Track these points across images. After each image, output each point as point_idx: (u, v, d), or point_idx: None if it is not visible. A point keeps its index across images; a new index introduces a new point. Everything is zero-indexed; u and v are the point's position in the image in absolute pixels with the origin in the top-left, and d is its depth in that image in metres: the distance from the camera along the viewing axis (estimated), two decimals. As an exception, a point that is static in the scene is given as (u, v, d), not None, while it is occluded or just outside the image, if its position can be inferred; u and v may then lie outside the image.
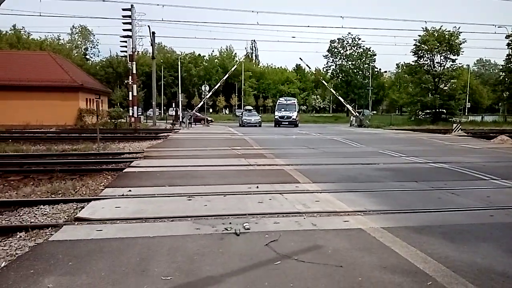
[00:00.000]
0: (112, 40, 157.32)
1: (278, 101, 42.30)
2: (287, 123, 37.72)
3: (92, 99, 35.47)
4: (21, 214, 6.46)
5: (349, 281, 3.71)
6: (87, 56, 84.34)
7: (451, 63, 43.98)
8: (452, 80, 44.23)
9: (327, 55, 75.44)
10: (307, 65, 49.30)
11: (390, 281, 3.71)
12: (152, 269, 3.94)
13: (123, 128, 30.52)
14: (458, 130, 27.46)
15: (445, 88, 44.25)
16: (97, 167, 11.14)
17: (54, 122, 29.80)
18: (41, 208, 6.70)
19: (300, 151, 14.99)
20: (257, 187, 7.87)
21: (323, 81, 56.05)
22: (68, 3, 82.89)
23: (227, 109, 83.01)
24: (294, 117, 38.38)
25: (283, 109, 38.98)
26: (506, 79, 46.78)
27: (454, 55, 43.27)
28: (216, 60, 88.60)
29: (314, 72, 55.97)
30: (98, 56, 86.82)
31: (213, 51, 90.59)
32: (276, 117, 38.88)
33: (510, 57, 45.59)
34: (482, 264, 4.16)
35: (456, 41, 42.27)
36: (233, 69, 49.34)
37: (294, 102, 41.00)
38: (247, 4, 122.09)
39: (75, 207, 6.70)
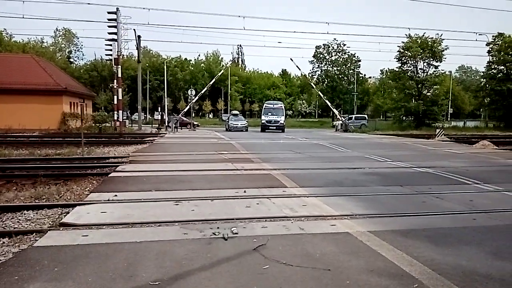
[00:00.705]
0: (96, 43, 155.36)
1: (265, 104, 40.28)
2: (274, 127, 36.36)
3: (76, 102, 35.00)
4: (4, 220, 6.33)
5: (337, 284, 3.74)
6: (71, 59, 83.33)
7: (434, 69, 44.88)
8: (435, 86, 45.05)
9: (313, 60, 76.00)
10: (297, 66, 48.87)
11: (377, 284, 3.75)
12: (140, 274, 3.91)
13: (108, 132, 30.18)
14: (441, 135, 27.93)
15: (428, 94, 45.08)
16: (82, 172, 11.01)
17: (37, 126, 29.30)
18: (24, 214, 6.60)
19: (287, 156, 15.06)
20: (245, 191, 7.87)
21: (312, 84, 56.32)
22: (51, 5, 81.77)
23: (211, 114, 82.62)
24: (282, 121, 37.13)
25: (270, 113, 37.45)
26: (487, 86, 47.80)
27: (436, 62, 44.17)
28: (202, 64, 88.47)
29: (304, 74, 55.87)
30: (82, 59, 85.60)
31: (199, 56, 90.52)
32: (263, 121, 37.48)
33: (490, 64, 46.66)
34: (466, 266, 4.24)
35: (438, 47, 43.14)
36: (219, 74, 49.36)
37: (282, 106, 39.57)
38: (233, 9, 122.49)
39: (59, 212, 6.60)
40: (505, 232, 5.56)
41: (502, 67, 45.67)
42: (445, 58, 43.80)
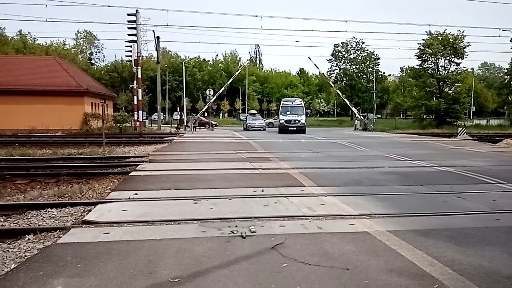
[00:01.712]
0: (117, 45, 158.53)
1: (282, 102, 34.30)
2: (294, 128, 30.83)
3: (97, 103, 35.68)
4: (29, 217, 6.54)
5: (355, 284, 3.72)
6: (92, 61, 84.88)
7: (455, 66, 43.82)
8: (456, 84, 44.02)
9: (331, 59, 75.69)
10: (315, 64, 47.42)
11: (396, 284, 3.72)
12: (159, 271, 3.98)
13: (128, 132, 30.67)
14: (463, 134, 27.35)
15: (450, 91, 44.07)
16: (103, 171, 11.22)
17: (59, 126, 29.99)
18: (48, 211, 6.78)
19: (305, 155, 15.01)
20: (262, 190, 7.89)
21: (330, 82, 55.86)
22: (73, 8, 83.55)
23: (227, 114, 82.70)
24: (303, 121, 31.57)
25: (288, 112, 32.04)
26: (511, 83, 46.53)
27: (458, 59, 43.13)
28: (220, 64, 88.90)
29: (322, 73, 55.03)
30: (103, 61, 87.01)
31: (217, 56, 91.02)
32: (281, 121, 31.97)
33: (514, 60, 45.39)
34: (488, 267, 4.15)
35: (460, 44, 42.13)
36: (237, 73, 49.46)
37: (301, 104, 33.94)
38: (251, 9, 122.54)
39: (82, 210, 6.76)
40: (530, 233, 5.41)
41: (527, 63, 44.36)
42: (467, 55, 42.76)
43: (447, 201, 7.25)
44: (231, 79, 45.81)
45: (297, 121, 31.42)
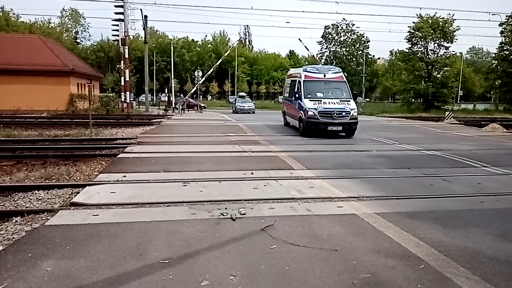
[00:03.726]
0: (103, 23, 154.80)
1: (304, 74, 16.76)
2: (340, 128, 15.28)
3: (83, 83, 35.03)
4: (15, 199, 6.45)
5: (343, 265, 3.78)
6: (78, 40, 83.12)
7: (444, 50, 44.05)
8: (445, 68, 44.27)
9: (321, 41, 75.38)
10: (305, 46, 46.78)
11: (383, 265, 3.79)
12: (150, 253, 3.99)
13: (115, 113, 30.25)
14: (450, 118, 27.68)
15: (438, 76, 44.35)
16: (91, 153, 11.10)
17: (45, 107, 29.44)
18: (35, 193, 6.71)
19: (294, 138, 15.01)
20: (252, 173, 7.91)
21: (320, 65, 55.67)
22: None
23: (216, 96, 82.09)
24: (354, 112, 15.43)
25: (320, 94, 16.11)
26: (499, 67, 46.96)
27: (447, 43, 43.30)
28: (210, 45, 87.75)
29: (313, 55, 54.63)
30: (89, 40, 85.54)
31: (206, 36, 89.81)
32: (309, 111, 15.18)
33: (503, 45, 45.72)
34: (473, 248, 4.26)
35: (450, 28, 42.21)
36: (226, 54, 48.89)
37: (342, 77, 17.16)
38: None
39: (70, 192, 6.71)
40: (513, 215, 5.55)
41: (515, 48, 44.75)
42: (456, 39, 42.93)
43: (434, 184, 7.37)
44: (220, 60, 45.37)
45: (343, 112, 15.24)
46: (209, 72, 44.16)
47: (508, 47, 45.43)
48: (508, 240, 4.55)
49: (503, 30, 44.62)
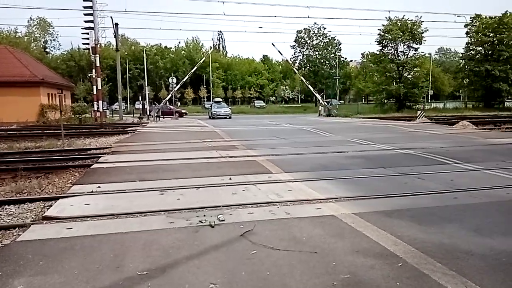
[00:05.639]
0: (73, 32, 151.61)
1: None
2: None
3: (54, 94, 34.15)
4: (-16, 216, 6.18)
5: (323, 266, 3.79)
6: (47, 50, 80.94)
7: (414, 51, 45.38)
8: (415, 69, 45.57)
9: (294, 45, 76.00)
10: (279, 51, 46.85)
11: (362, 265, 3.82)
12: (127, 265, 3.89)
13: (88, 123, 29.63)
14: (422, 117, 28.37)
15: (409, 76, 45.62)
16: (63, 164, 10.79)
17: (14, 119, 28.46)
18: (6, 208, 6.45)
19: (271, 142, 15.08)
20: (230, 178, 7.87)
21: (294, 69, 56.15)
22: (24, -7, 79.02)
23: (191, 103, 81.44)
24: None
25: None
26: (466, 67, 48.56)
27: (416, 44, 44.66)
28: (183, 51, 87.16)
29: (286, 59, 55.00)
30: (58, 49, 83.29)
31: (179, 43, 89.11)
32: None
33: (469, 45, 47.33)
34: (448, 244, 4.35)
35: (418, 30, 43.53)
36: (201, 61, 48.56)
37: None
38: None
39: (42, 206, 6.49)
40: (485, 210, 5.71)
41: (480, 48, 46.39)
42: (425, 40, 44.38)
43: (408, 182, 7.51)
44: (195, 68, 44.98)
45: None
46: (184, 80, 43.76)
47: (474, 47, 47.09)
48: (481, 234, 4.68)
49: (468, 31, 46.24)
